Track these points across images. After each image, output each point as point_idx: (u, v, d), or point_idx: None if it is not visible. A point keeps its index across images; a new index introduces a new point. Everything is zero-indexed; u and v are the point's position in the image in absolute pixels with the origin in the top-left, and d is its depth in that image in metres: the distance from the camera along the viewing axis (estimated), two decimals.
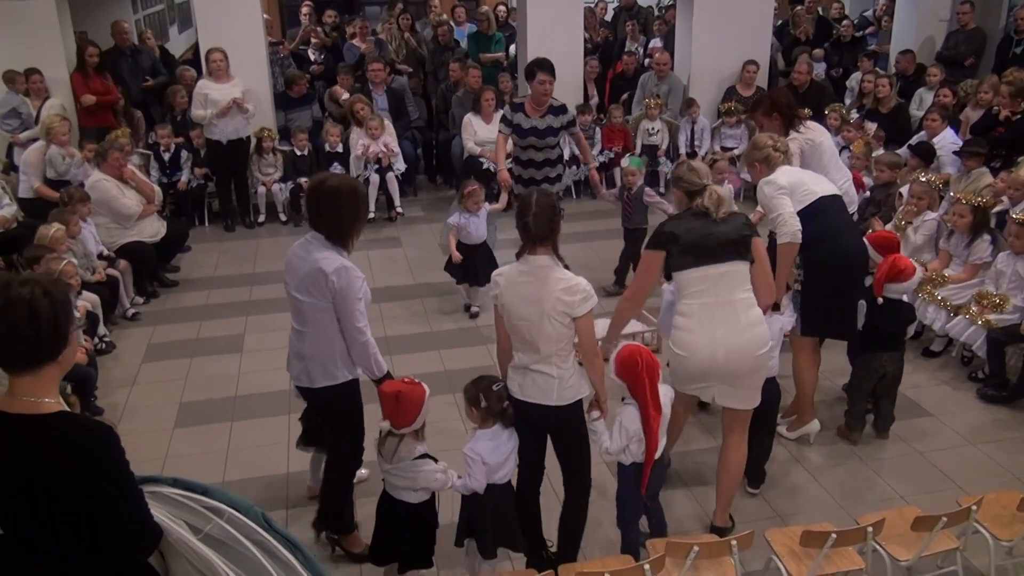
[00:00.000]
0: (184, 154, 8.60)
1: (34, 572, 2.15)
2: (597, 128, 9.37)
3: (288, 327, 6.33)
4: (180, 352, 6.16)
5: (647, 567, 3.22)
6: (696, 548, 3.33)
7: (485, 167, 8.58)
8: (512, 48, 10.66)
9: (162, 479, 2.49)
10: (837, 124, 8.37)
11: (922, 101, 8.92)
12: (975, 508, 3.58)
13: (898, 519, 3.63)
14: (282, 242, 8.43)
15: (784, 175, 4.47)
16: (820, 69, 10.48)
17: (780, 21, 11.48)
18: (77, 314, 5.61)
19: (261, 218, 8.92)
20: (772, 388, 4.34)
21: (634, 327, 5.86)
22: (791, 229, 4.30)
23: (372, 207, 8.67)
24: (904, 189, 6.47)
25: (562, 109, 6.53)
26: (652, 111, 9.27)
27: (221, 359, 6.04)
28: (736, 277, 3.80)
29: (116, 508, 2.15)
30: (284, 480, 4.65)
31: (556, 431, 3.62)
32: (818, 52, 10.61)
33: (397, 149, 8.60)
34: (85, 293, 5.89)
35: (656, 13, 12.81)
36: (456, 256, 6.35)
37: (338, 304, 3.53)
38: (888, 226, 6.26)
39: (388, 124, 8.63)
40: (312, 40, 10.59)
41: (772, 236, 4.44)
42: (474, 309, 6.63)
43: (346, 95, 9.30)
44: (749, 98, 9.50)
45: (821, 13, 11.89)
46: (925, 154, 7.18)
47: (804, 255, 4.42)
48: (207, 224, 8.90)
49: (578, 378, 3.54)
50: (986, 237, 5.78)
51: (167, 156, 8.52)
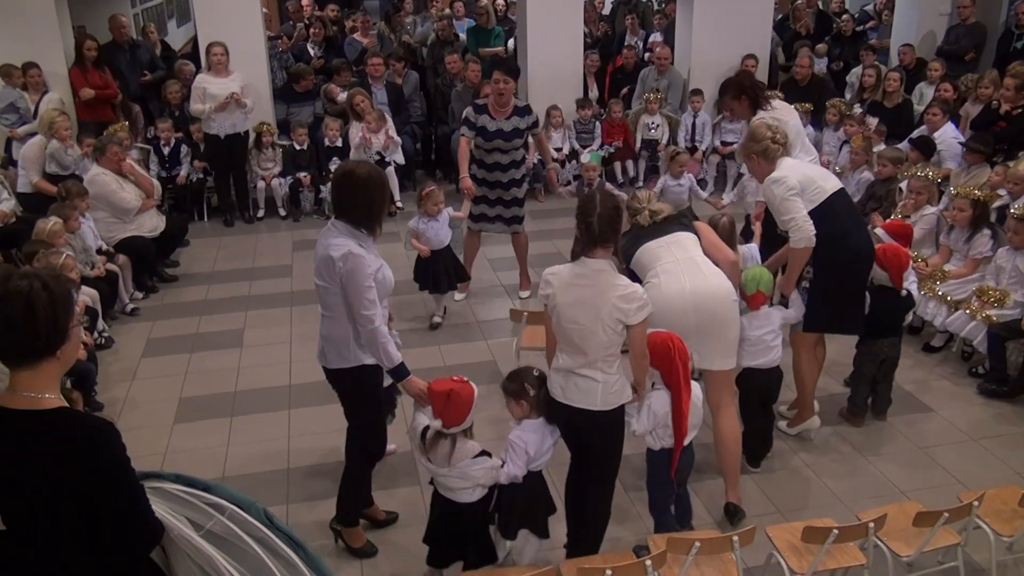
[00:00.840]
0: (184, 148, 8.58)
1: (36, 569, 2.15)
2: (597, 123, 9.35)
3: (288, 321, 6.42)
4: (179, 347, 6.15)
5: (649, 563, 3.22)
6: (698, 544, 3.33)
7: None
8: (511, 42, 10.63)
9: (164, 475, 2.48)
10: (837, 119, 8.35)
11: (923, 96, 8.91)
12: (976, 504, 3.58)
13: (899, 515, 3.63)
14: (281, 237, 8.42)
15: (793, 173, 4.38)
16: (821, 64, 10.46)
17: (780, 15, 11.45)
18: (77, 309, 5.60)
19: (260, 213, 8.90)
20: (774, 374, 4.46)
21: None
22: (806, 234, 4.28)
23: None
24: (904, 184, 6.46)
25: (527, 110, 6.31)
26: (652, 105, 9.25)
27: (221, 354, 6.04)
28: (686, 241, 4.02)
29: (118, 504, 2.14)
30: (284, 476, 4.65)
31: (594, 435, 3.58)
32: (821, 47, 10.59)
33: (398, 139, 8.57)
34: (84, 288, 5.87)
35: (655, 7, 12.79)
36: (424, 251, 6.07)
37: (346, 289, 3.54)
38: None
39: (388, 118, 8.60)
40: (313, 31, 10.55)
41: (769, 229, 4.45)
42: (435, 319, 6.33)
43: (340, 93, 9.29)
44: None
45: (821, 7, 11.87)
46: (925, 148, 7.17)
47: (814, 253, 4.39)
48: (206, 219, 8.88)
49: (623, 384, 3.51)
50: (986, 232, 5.78)
51: (167, 150, 8.50)
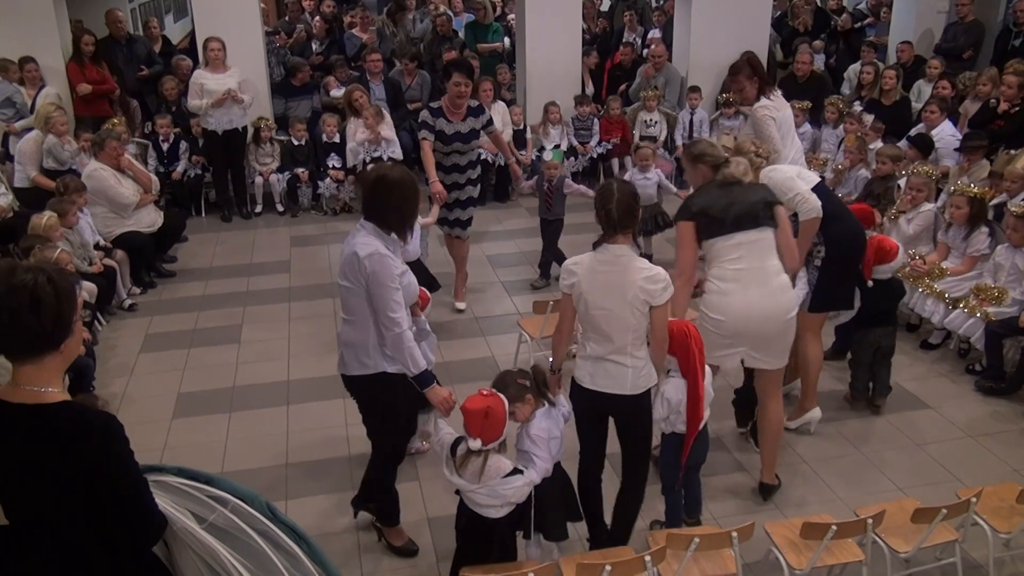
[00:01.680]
0: (182, 144, 8.56)
1: (39, 562, 2.15)
2: (595, 119, 9.35)
3: (285, 317, 6.41)
4: (177, 343, 6.14)
5: (648, 559, 3.23)
6: (697, 539, 3.34)
7: (483, 157, 8.55)
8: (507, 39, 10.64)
9: (167, 468, 2.48)
10: (836, 117, 8.35)
11: (921, 93, 8.91)
12: (974, 500, 3.60)
13: (898, 511, 3.64)
14: (279, 233, 8.41)
15: (783, 167, 4.61)
16: (820, 60, 10.46)
17: (779, 12, 11.45)
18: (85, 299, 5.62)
19: (258, 208, 8.89)
20: None
21: None
22: (814, 204, 4.38)
23: None
24: (903, 182, 6.46)
25: (480, 110, 6.21)
26: (649, 103, 9.25)
27: (219, 350, 6.03)
28: (765, 243, 3.98)
29: (121, 497, 2.15)
30: (283, 470, 4.65)
31: (625, 418, 3.66)
32: (819, 43, 10.59)
33: (394, 137, 8.55)
34: (84, 283, 5.86)
35: (654, 4, 12.78)
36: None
37: (371, 290, 3.48)
38: (883, 220, 6.26)
39: (386, 114, 8.59)
40: (315, 23, 10.53)
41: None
42: None
43: (335, 88, 9.28)
44: None
45: (819, 4, 11.87)
46: (923, 146, 7.18)
47: (824, 230, 4.49)
48: (204, 215, 8.87)
49: (650, 367, 3.58)
50: (984, 229, 5.79)
51: (166, 146, 8.49)
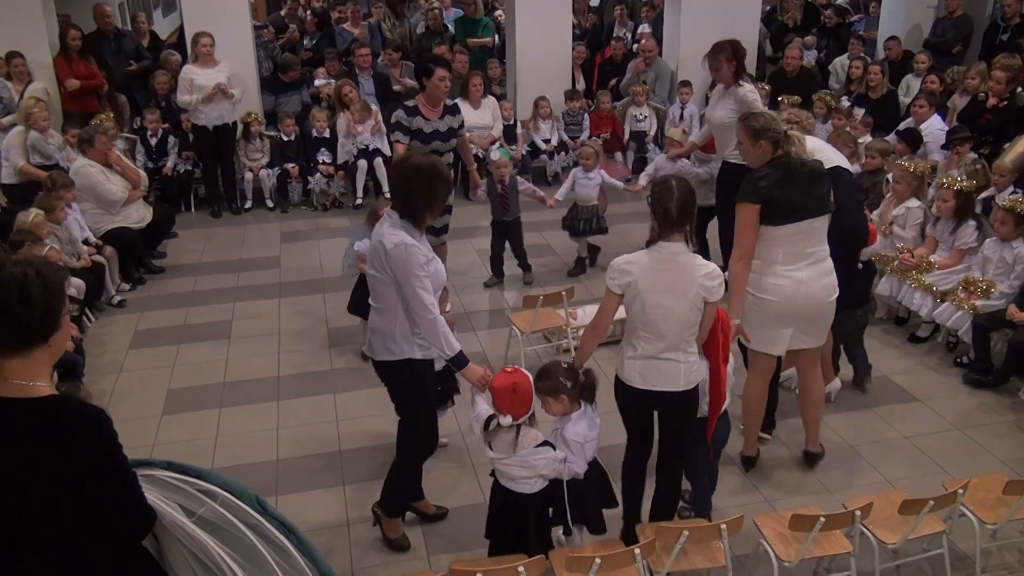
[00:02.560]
0: (171, 139, 8.53)
1: (28, 556, 2.14)
2: (585, 114, 9.35)
3: (276, 313, 6.40)
4: (167, 339, 6.13)
5: (637, 552, 3.24)
6: (686, 532, 3.35)
7: (474, 152, 8.54)
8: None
9: (156, 462, 2.48)
10: (824, 112, 8.37)
11: (909, 88, 8.94)
12: (961, 492, 3.62)
13: (885, 503, 3.66)
14: (269, 228, 8.39)
15: (815, 140, 4.75)
16: (810, 55, 10.48)
17: (768, 7, 11.47)
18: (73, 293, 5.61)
19: (248, 204, 8.86)
20: None
21: (620, 313, 5.83)
22: None
23: (360, 193, 8.64)
24: (891, 176, 6.49)
25: (455, 109, 5.98)
26: (639, 98, 9.26)
27: (209, 345, 6.02)
28: (820, 231, 4.08)
29: (110, 491, 2.15)
30: (274, 466, 4.65)
31: (673, 414, 3.69)
32: (810, 39, 10.61)
33: (383, 129, 8.54)
34: (72, 279, 5.84)
35: None
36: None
37: (399, 279, 3.49)
38: (874, 215, 6.26)
39: (376, 109, 8.57)
40: (306, 16, 10.50)
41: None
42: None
43: (320, 79, 9.26)
44: None
45: None
46: (912, 140, 7.20)
47: (835, 219, 4.41)
48: (193, 210, 8.83)
49: (700, 362, 3.64)
50: (971, 223, 5.81)
51: (154, 141, 8.45)
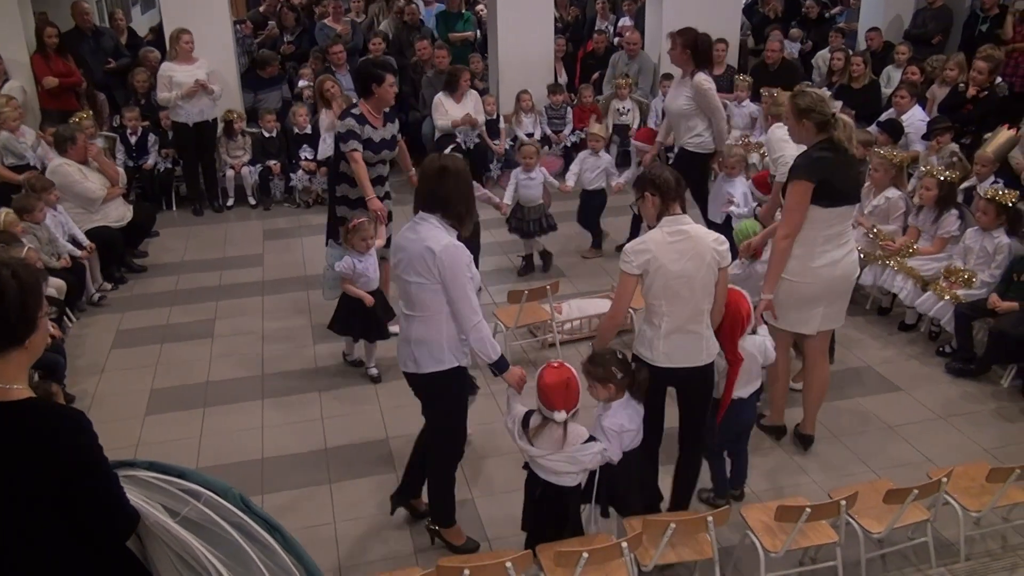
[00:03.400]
0: (152, 137, 8.46)
1: (10, 559, 2.12)
2: (568, 108, 9.34)
3: (259, 311, 6.36)
4: (150, 338, 6.08)
5: (624, 545, 3.24)
6: (672, 525, 3.36)
7: (459, 141, 8.53)
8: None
9: (138, 463, 2.46)
10: None
11: (890, 79, 8.98)
12: (945, 480, 3.65)
13: (870, 493, 3.69)
14: (251, 226, 8.34)
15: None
16: (793, 48, 10.50)
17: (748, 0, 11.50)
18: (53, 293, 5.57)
19: (230, 202, 8.79)
20: None
21: (606, 307, 5.84)
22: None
23: None
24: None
25: (393, 115, 5.68)
26: (622, 91, 9.25)
27: (192, 345, 5.98)
28: (850, 215, 4.27)
29: (91, 493, 2.12)
30: (259, 465, 4.62)
31: (693, 388, 3.76)
32: (795, 31, 10.63)
33: None
34: (51, 279, 5.78)
35: None
36: (368, 299, 5.17)
37: (447, 284, 3.42)
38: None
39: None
40: (283, 11, 10.44)
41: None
42: (372, 371, 5.44)
43: (301, 81, 9.22)
44: (720, 77, 9.52)
45: None
46: (893, 131, 7.24)
47: None
48: (175, 208, 8.76)
49: (713, 335, 3.70)
50: (953, 212, 5.85)
51: (134, 139, 8.37)
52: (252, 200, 8.81)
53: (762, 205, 5.96)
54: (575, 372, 3.43)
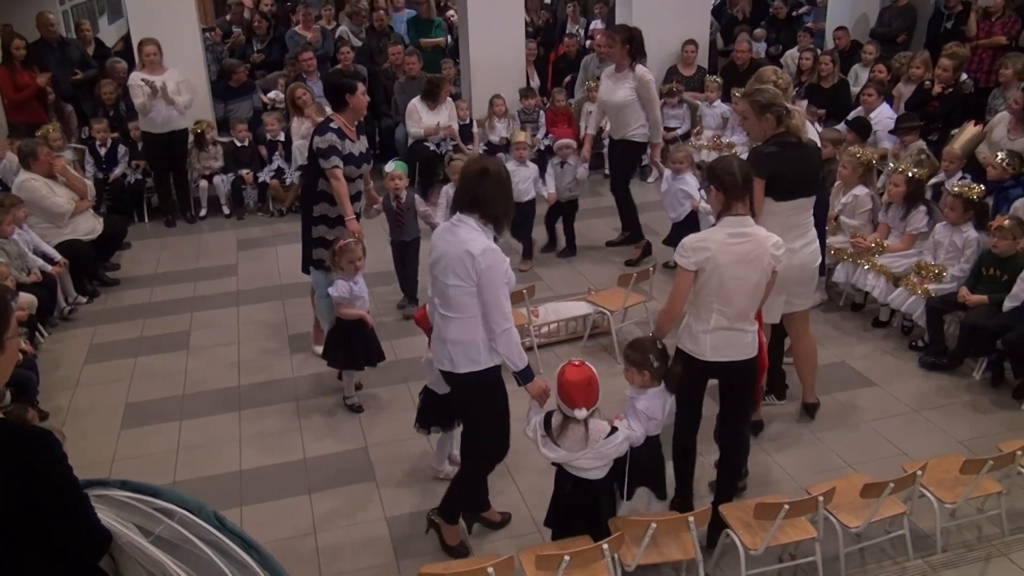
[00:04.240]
0: (122, 148, 8.38)
1: None
2: (541, 112, 9.36)
3: (235, 322, 6.32)
4: (124, 352, 6.02)
5: (605, 547, 3.25)
6: (653, 525, 3.37)
7: (432, 149, 8.54)
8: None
9: (110, 482, 2.42)
10: None
11: (858, 77, 9.08)
12: (920, 473, 3.69)
13: (848, 487, 3.72)
14: (225, 236, 8.28)
15: None
16: (760, 48, 10.59)
17: (717, 1, 11.57)
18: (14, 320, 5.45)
19: (203, 212, 8.73)
20: None
21: (582, 309, 5.87)
22: None
23: None
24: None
25: (363, 126, 5.48)
26: (593, 93, 9.27)
27: (167, 357, 5.92)
28: (808, 206, 4.39)
29: (61, 514, 2.09)
30: (237, 478, 4.58)
31: (739, 383, 3.84)
32: (759, 31, 10.73)
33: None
34: (22, 294, 5.71)
35: None
36: (369, 319, 5.02)
37: (483, 287, 3.41)
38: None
39: (328, 111, 8.48)
40: (255, 24, 10.38)
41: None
42: (352, 401, 5.19)
43: (272, 92, 9.18)
44: (690, 78, 9.61)
45: None
46: (861, 129, 7.32)
47: None
48: (147, 220, 8.68)
49: (756, 332, 3.78)
50: (921, 208, 5.92)
51: (103, 151, 8.29)
52: (226, 210, 8.75)
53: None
54: (595, 372, 3.48)
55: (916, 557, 3.83)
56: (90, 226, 7.03)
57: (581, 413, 3.41)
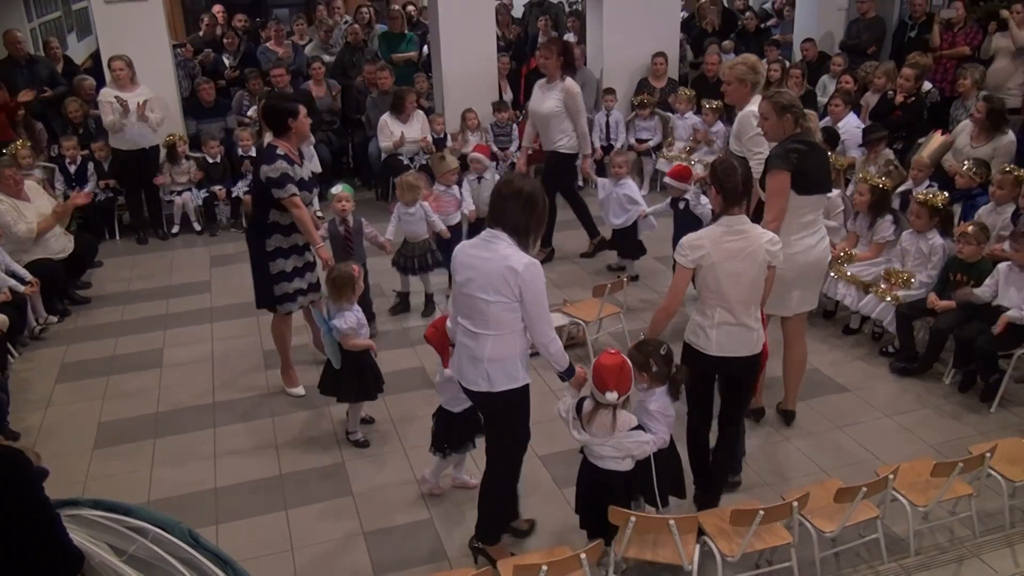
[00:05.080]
0: (91, 166, 8.31)
1: None
2: (514, 125, 9.40)
3: (208, 339, 6.27)
4: (96, 371, 5.95)
5: (583, 556, 3.26)
6: (633, 519, 3.40)
7: (406, 163, 8.55)
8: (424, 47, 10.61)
9: (82, 501, 2.41)
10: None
11: (826, 88, 9.21)
12: (892, 477, 3.74)
13: (821, 493, 3.76)
14: (197, 252, 8.23)
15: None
16: (729, 59, 10.71)
17: (686, 14, 11.70)
18: None
19: (175, 229, 8.67)
20: None
21: (557, 321, 5.89)
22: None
23: None
24: None
25: (301, 154, 5.31)
26: None
27: (140, 375, 5.86)
28: (822, 204, 4.64)
29: (32, 534, 2.07)
30: (212, 495, 4.55)
31: (742, 378, 3.97)
32: (727, 43, 10.86)
33: (311, 151, 8.46)
34: None
35: (567, 8, 12.93)
36: (375, 347, 4.90)
37: (528, 301, 3.41)
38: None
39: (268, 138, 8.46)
40: (226, 41, 10.35)
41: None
42: (359, 436, 4.97)
43: (251, 109, 9.17)
44: (662, 90, 9.70)
45: (726, 5, 12.17)
46: (830, 138, 7.42)
47: None
48: (118, 238, 8.61)
49: (761, 329, 3.91)
50: (888, 217, 6.01)
51: (73, 168, 8.21)
52: (197, 226, 8.69)
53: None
54: (630, 364, 3.61)
55: (890, 560, 3.88)
56: (61, 245, 6.95)
57: (612, 396, 3.53)
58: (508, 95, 10.11)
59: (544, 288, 3.46)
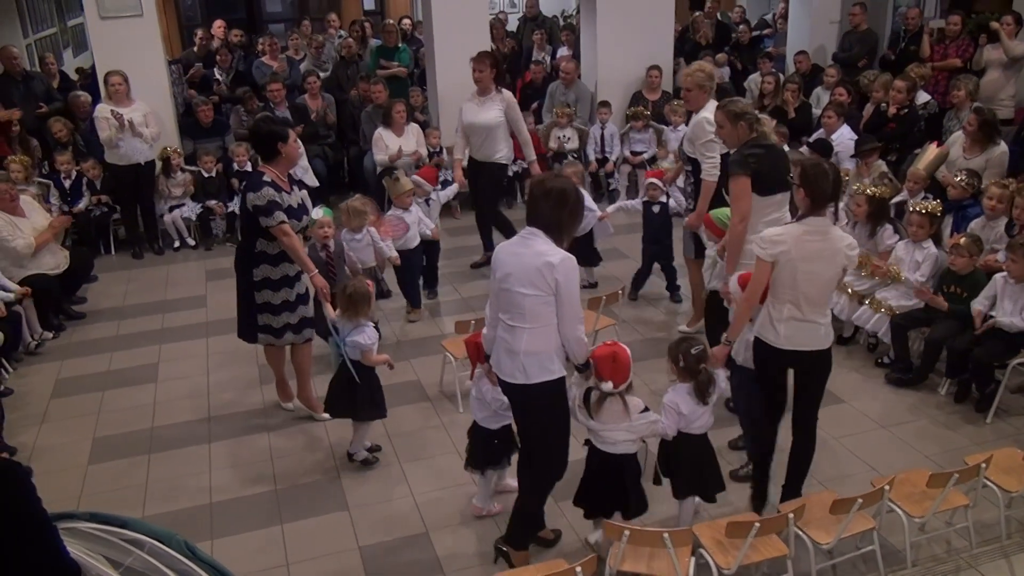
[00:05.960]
0: (86, 180, 8.31)
1: None
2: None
3: (204, 353, 6.26)
4: (91, 386, 5.94)
5: (578, 569, 3.25)
6: (627, 532, 3.39)
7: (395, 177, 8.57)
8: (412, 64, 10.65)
9: (78, 514, 2.40)
10: None
11: (819, 100, 9.27)
12: (888, 488, 3.74)
13: (817, 504, 3.76)
14: (193, 267, 8.23)
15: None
16: (724, 72, 10.76)
17: (681, 27, 11.76)
18: None
19: (176, 244, 8.67)
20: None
21: None
22: (717, 173, 5.41)
23: None
24: None
25: (328, 159, 5.39)
26: (561, 119, 9.38)
27: (135, 390, 5.85)
28: (786, 201, 4.67)
29: (29, 547, 2.07)
30: (208, 510, 4.53)
31: (813, 371, 4.01)
32: (721, 56, 10.92)
33: (306, 164, 8.47)
34: None
35: (561, 23, 13.00)
36: (391, 362, 4.76)
37: (562, 294, 3.50)
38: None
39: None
40: (219, 57, 10.38)
41: None
42: (365, 454, 4.89)
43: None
44: (656, 102, 9.74)
45: (720, 18, 12.24)
46: (823, 150, 7.46)
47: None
48: (114, 252, 8.61)
49: (830, 325, 3.97)
50: (887, 226, 6.02)
51: (68, 183, 8.22)
52: (191, 241, 8.70)
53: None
54: (627, 352, 3.73)
55: (887, 572, 3.87)
56: (56, 260, 6.95)
57: (607, 386, 3.66)
58: None
59: (578, 282, 3.56)
